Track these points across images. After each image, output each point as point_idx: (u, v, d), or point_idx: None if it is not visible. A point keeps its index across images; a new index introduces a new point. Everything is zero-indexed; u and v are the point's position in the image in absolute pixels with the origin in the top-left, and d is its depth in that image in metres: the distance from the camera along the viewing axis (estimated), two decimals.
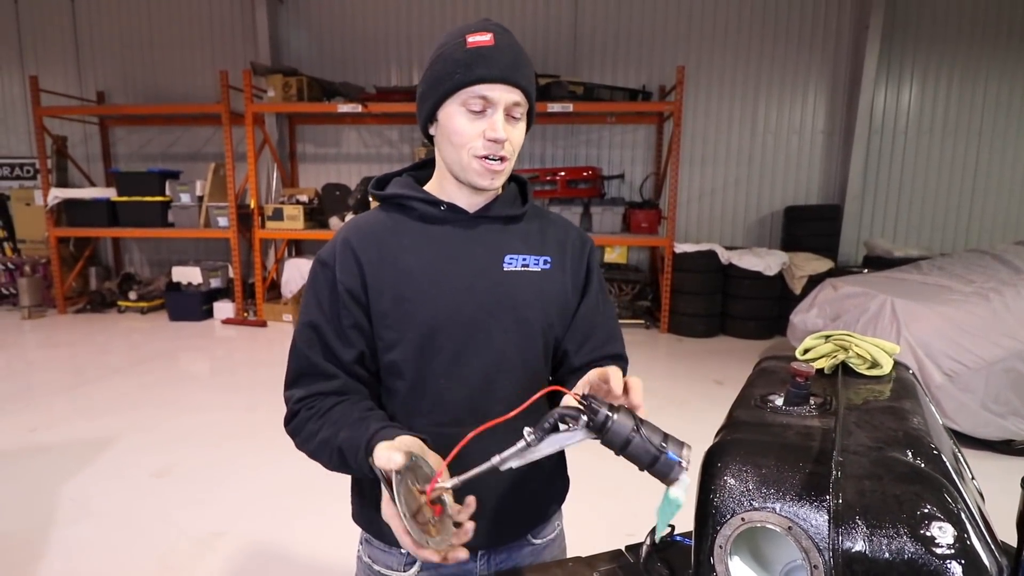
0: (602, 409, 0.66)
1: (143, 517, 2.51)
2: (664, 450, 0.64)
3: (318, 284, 0.93)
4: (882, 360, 0.87)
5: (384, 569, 1.00)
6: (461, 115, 0.88)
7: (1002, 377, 2.99)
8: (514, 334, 0.94)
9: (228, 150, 5.81)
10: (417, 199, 0.95)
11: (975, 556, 0.53)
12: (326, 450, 0.85)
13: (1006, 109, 6.06)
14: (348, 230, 0.95)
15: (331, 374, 0.91)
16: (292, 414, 0.92)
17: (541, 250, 0.99)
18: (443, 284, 0.92)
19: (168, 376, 4.37)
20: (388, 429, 0.80)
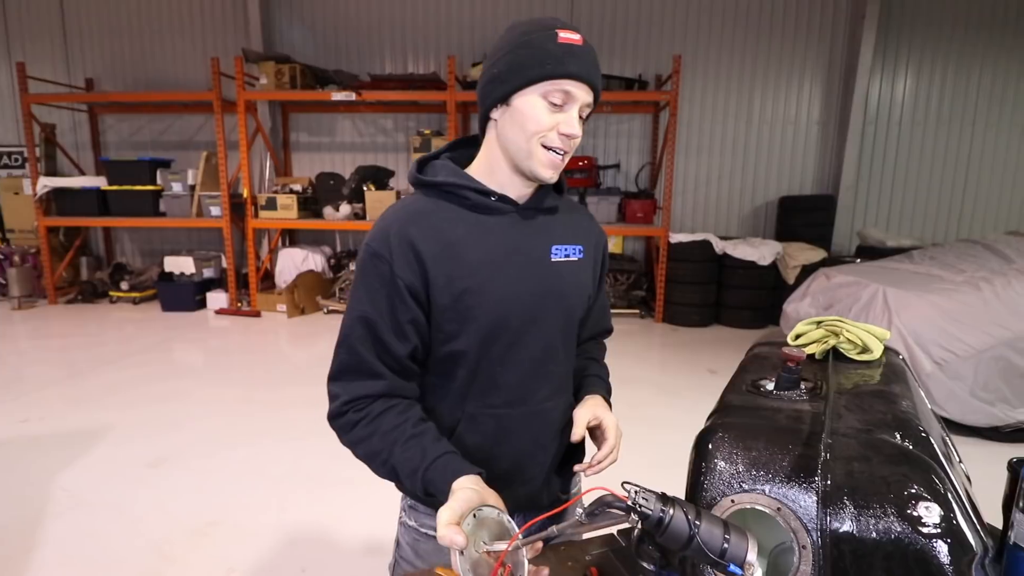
0: (654, 508, 0.58)
1: (137, 507, 2.51)
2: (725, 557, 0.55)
3: (371, 277, 0.90)
4: (872, 345, 0.87)
5: (431, 530, 1.04)
6: (541, 105, 0.88)
7: (991, 365, 3.02)
8: (561, 321, 1.01)
9: (220, 138, 5.76)
10: (469, 188, 0.94)
11: (961, 535, 0.54)
12: (377, 461, 0.90)
13: (999, 100, 6.08)
14: (400, 220, 0.92)
15: (378, 373, 0.91)
16: (339, 413, 0.92)
17: (575, 239, 1.03)
18: (501, 277, 0.93)
19: (161, 367, 4.36)
20: (443, 459, 0.85)
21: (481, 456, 0.96)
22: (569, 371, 1.08)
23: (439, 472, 0.83)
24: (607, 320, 1.22)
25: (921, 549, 0.53)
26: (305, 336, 5.26)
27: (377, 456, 0.89)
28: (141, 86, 6.70)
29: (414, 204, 0.95)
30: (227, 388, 3.90)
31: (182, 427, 3.29)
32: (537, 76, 0.86)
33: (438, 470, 0.83)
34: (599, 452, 1.01)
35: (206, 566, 2.14)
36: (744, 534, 0.56)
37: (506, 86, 0.89)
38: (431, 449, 0.86)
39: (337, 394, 0.92)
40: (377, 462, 0.90)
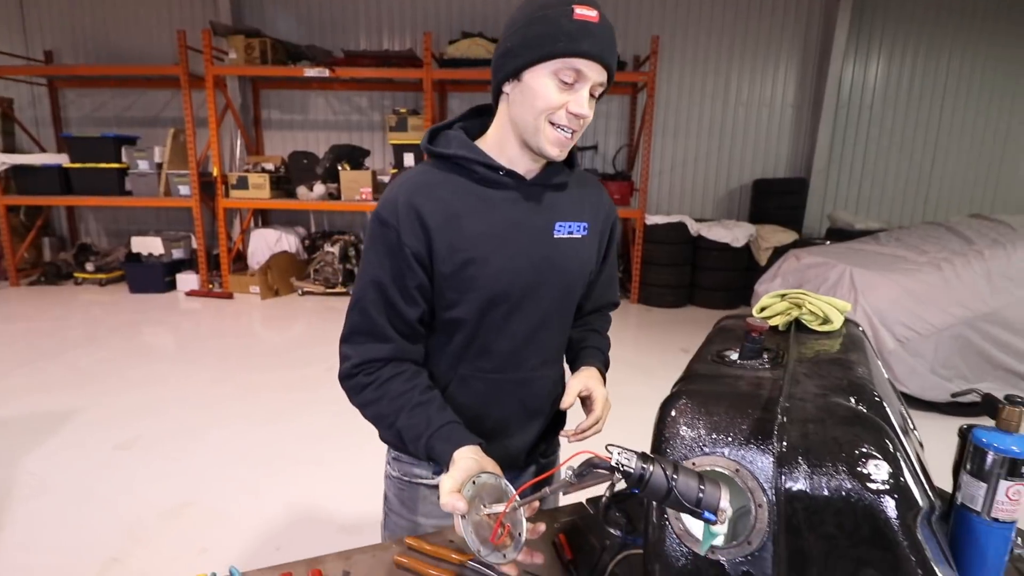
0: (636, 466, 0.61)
1: (107, 490, 2.47)
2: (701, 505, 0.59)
3: (380, 244, 0.93)
4: (833, 317, 0.90)
5: (415, 479, 1.08)
6: (551, 82, 0.87)
7: (951, 343, 3.13)
8: (558, 296, 1.03)
9: (188, 115, 5.58)
10: (478, 162, 0.95)
11: (908, 492, 0.56)
12: (383, 424, 0.95)
13: (967, 85, 6.22)
14: (409, 190, 0.93)
15: (387, 336, 0.95)
16: (350, 375, 0.96)
17: (580, 215, 1.04)
18: (504, 250, 0.95)
19: (130, 349, 4.26)
20: (447, 428, 0.89)
21: (470, 415, 1.01)
22: (562, 343, 1.12)
23: (442, 441, 0.88)
24: (613, 293, 1.23)
25: (869, 504, 0.55)
26: (279, 318, 5.19)
27: (384, 419, 0.94)
28: (104, 59, 6.43)
29: (423, 175, 0.96)
30: (199, 371, 3.84)
31: (152, 410, 3.24)
32: (548, 53, 0.86)
33: (441, 439, 0.88)
34: (585, 421, 1.05)
35: (178, 547, 2.12)
36: (717, 484, 0.60)
37: (518, 61, 0.89)
38: (436, 418, 0.90)
39: (348, 355, 0.96)
40: (383, 425, 0.95)
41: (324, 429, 3.01)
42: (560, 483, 0.69)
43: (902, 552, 0.54)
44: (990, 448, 0.78)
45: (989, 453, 0.78)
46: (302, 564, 0.86)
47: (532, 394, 1.07)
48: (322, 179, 5.67)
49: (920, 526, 0.56)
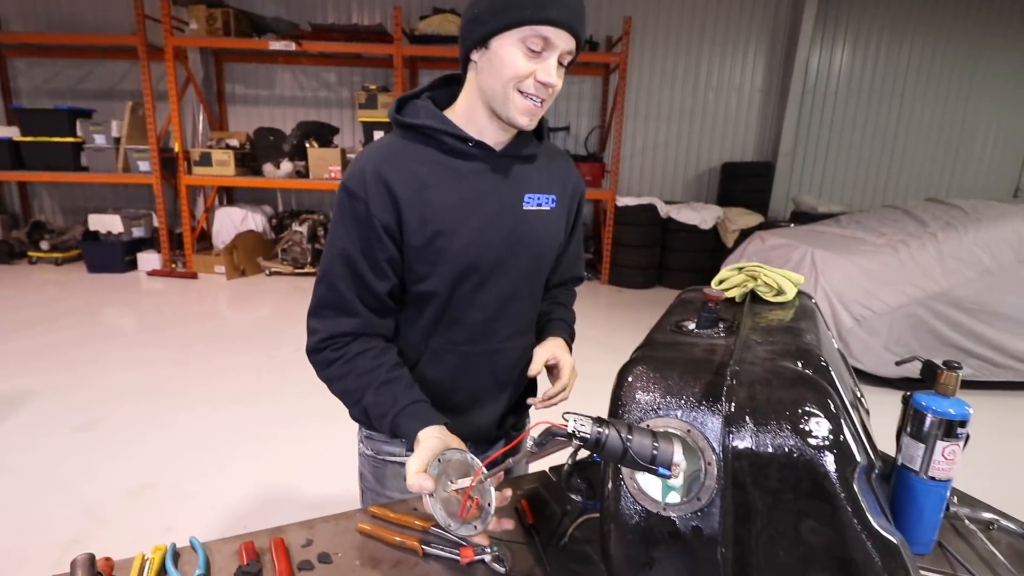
0: (591, 431, 0.62)
1: (66, 471, 2.41)
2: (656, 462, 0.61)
3: (348, 216, 0.92)
4: (787, 288, 0.93)
5: (388, 456, 1.08)
6: (518, 50, 0.86)
7: (904, 321, 3.27)
8: (527, 268, 1.03)
9: (147, 88, 5.36)
10: (447, 133, 0.94)
11: (846, 447, 0.59)
12: (350, 400, 0.96)
13: (927, 72, 6.40)
14: (376, 160, 0.92)
15: (354, 310, 0.94)
16: (316, 349, 0.96)
17: (549, 188, 1.04)
18: (473, 222, 0.94)
19: (89, 330, 4.13)
20: (413, 407, 0.90)
21: (441, 388, 1.02)
22: (533, 314, 1.12)
23: (407, 420, 0.89)
24: (578, 267, 1.24)
25: (810, 459, 0.58)
26: (246, 298, 5.09)
27: (350, 395, 0.94)
28: (56, 27, 6.11)
29: (390, 145, 0.95)
30: (162, 351, 3.75)
31: (112, 391, 3.16)
32: (515, 20, 0.85)
33: (406, 417, 0.89)
34: (552, 388, 1.07)
35: (142, 527, 2.09)
36: (670, 440, 0.61)
37: (484, 28, 0.87)
38: (402, 396, 0.91)
39: (316, 329, 0.95)
40: (350, 401, 0.96)
41: (293, 409, 2.99)
42: (523, 453, 0.70)
43: (839, 503, 0.57)
44: (928, 411, 0.83)
45: (927, 416, 0.83)
46: (264, 533, 0.86)
47: (503, 366, 1.07)
48: (289, 156, 5.53)
49: (858, 480, 0.59)
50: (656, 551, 0.65)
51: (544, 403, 1.06)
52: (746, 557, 0.60)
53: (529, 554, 0.84)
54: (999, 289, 3.32)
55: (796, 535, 0.58)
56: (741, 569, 0.60)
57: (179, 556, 0.82)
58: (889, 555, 0.57)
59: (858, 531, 0.56)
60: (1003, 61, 6.41)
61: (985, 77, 6.45)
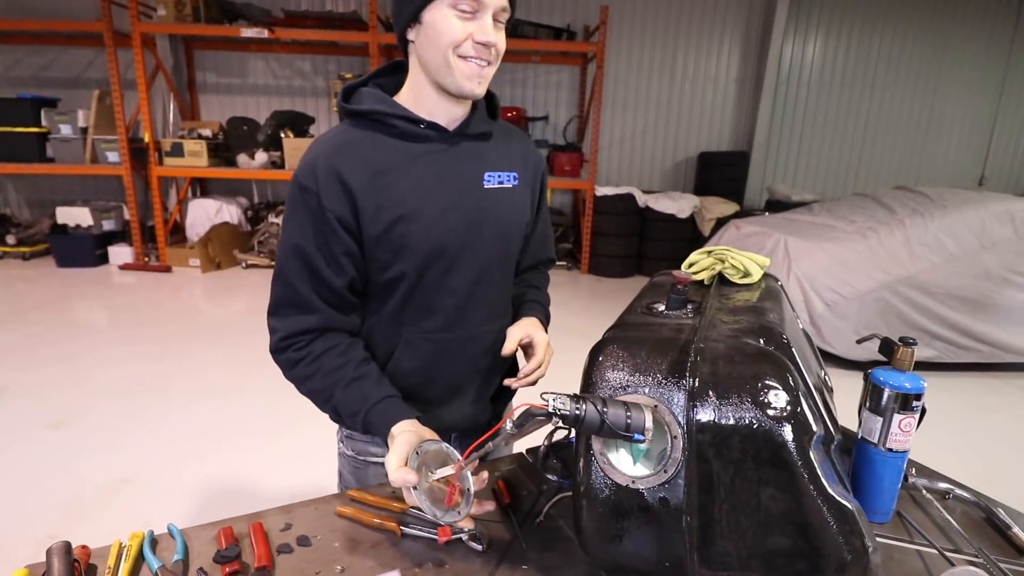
0: (570, 408, 0.65)
1: (39, 468, 2.37)
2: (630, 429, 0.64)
3: (300, 210, 0.90)
4: (753, 270, 0.96)
5: (370, 457, 1.07)
6: (451, 15, 0.85)
7: (872, 306, 3.36)
8: (496, 248, 1.01)
9: (114, 76, 5.22)
10: (397, 116, 0.92)
11: (803, 418, 0.62)
12: (319, 400, 0.94)
13: (896, 64, 6.54)
14: (327, 152, 0.90)
15: (313, 307, 0.92)
16: (279, 349, 0.94)
17: (510, 166, 1.03)
18: (434, 204, 0.93)
19: (60, 325, 4.04)
20: (383, 404, 0.89)
21: (419, 379, 1.01)
22: (506, 297, 1.10)
23: (379, 416, 0.88)
24: (549, 249, 1.22)
25: (769, 430, 0.60)
26: (222, 291, 5.02)
27: (319, 395, 0.93)
28: (16, 13, 5.88)
29: (341, 135, 0.93)
30: (136, 346, 3.69)
31: (86, 387, 3.10)
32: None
33: (377, 414, 0.88)
34: (527, 366, 1.05)
35: (120, 522, 2.07)
36: (641, 409, 0.64)
37: (414, 3, 0.86)
38: (371, 393, 0.90)
39: (276, 328, 0.94)
40: (319, 400, 0.94)
41: (272, 403, 2.97)
42: (503, 435, 0.71)
43: (797, 471, 0.60)
44: (886, 385, 0.87)
45: (885, 390, 0.87)
46: (243, 519, 0.87)
47: (481, 351, 1.05)
48: (264, 147, 5.44)
49: (815, 449, 0.62)
50: (626, 522, 0.68)
51: (520, 382, 1.05)
52: (710, 525, 0.63)
53: (506, 532, 0.86)
54: (963, 274, 3.43)
55: (757, 502, 0.61)
56: (705, 536, 0.63)
57: (157, 543, 0.82)
58: (844, 519, 0.60)
59: (814, 497, 0.59)
60: (969, 52, 6.58)
61: (952, 68, 6.62)
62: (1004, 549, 0.84)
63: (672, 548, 0.66)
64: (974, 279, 3.43)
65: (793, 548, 0.60)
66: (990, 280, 3.44)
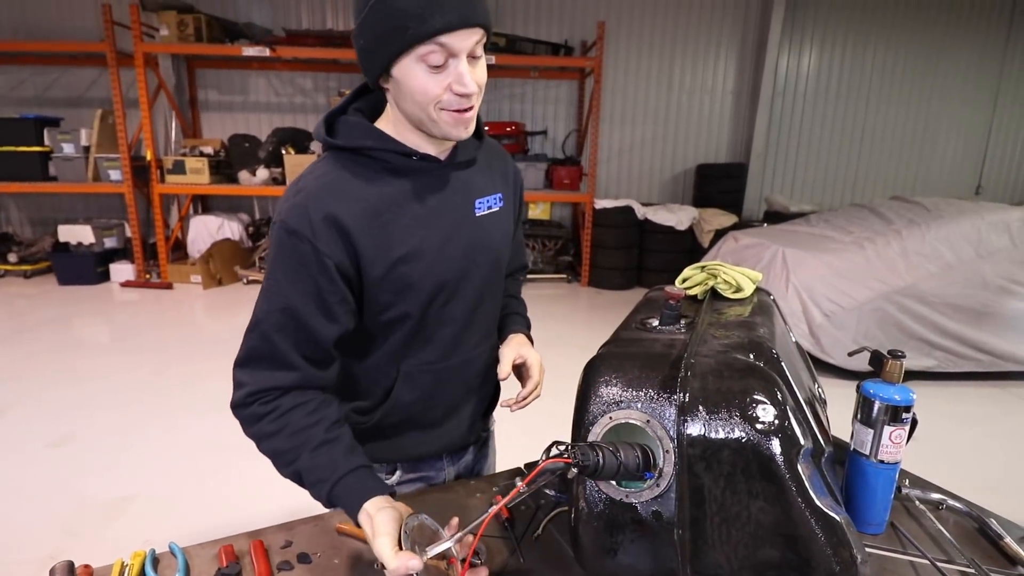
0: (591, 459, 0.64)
1: (40, 488, 2.37)
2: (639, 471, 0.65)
3: (291, 258, 0.82)
4: (744, 285, 0.98)
5: None
6: (421, 71, 0.78)
7: (871, 316, 3.37)
8: (488, 273, 1.00)
9: (116, 95, 5.28)
10: (389, 151, 0.87)
11: (792, 433, 0.64)
12: (282, 461, 0.84)
13: (890, 75, 6.60)
14: (317, 193, 0.83)
15: (291, 364, 0.84)
16: (243, 403, 0.85)
17: (495, 187, 1.01)
18: (432, 239, 0.90)
19: (62, 343, 4.06)
20: (355, 475, 0.79)
21: (418, 408, 0.99)
22: (495, 316, 1.09)
23: (349, 490, 0.78)
24: (523, 255, 1.22)
25: (757, 443, 0.62)
26: (223, 307, 5.04)
27: (282, 456, 0.83)
28: (21, 34, 5.98)
29: (329, 172, 0.87)
30: (138, 363, 3.70)
31: (88, 404, 3.11)
32: (402, 45, 0.76)
33: (348, 487, 0.79)
34: (524, 389, 1.04)
35: (120, 541, 2.07)
36: (647, 448, 0.65)
37: (376, 61, 0.80)
38: (342, 463, 0.81)
39: (243, 382, 0.85)
40: (282, 462, 0.84)
41: None
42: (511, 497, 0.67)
43: (785, 484, 0.61)
44: (876, 398, 0.88)
45: (875, 402, 0.88)
46: (243, 536, 0.88)
47: (474, 372, 1.05)
48: (265, 163, 5.50)
49: (803, 462, 0.64)
50: (620, 536, 0.69)
51: (519, 405, 1.04)
52: (701, 537, 0.64)
53: (505, 547, 0.87)
54: (960, 283, 3.45)
55: (747, 515, 0.62)
56: (697, 548, 0.64)
57: (159, 561, 0.83)
58: (832, 531, 0.61)
59: (802, 509, 0.61)
60: (962, 64, 6.65)
61: (946, 79, 6.69)
62: (996, 559, 0.85)
63: (666, 561, 0.67)
64: (971, 288, 3.44)
65: (782, 560, 0.62)
66: (987, 289, 3.45)
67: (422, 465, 1.07)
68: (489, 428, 1.21)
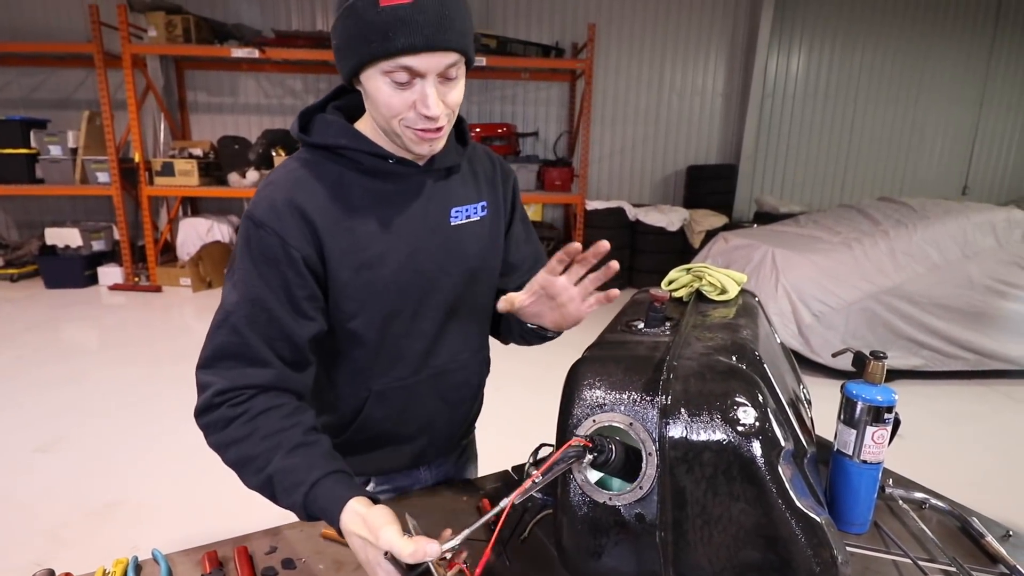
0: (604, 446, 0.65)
1: (26, 494, 2.35)
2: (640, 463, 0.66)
3: (258, 251, 0.79)
4: (729, 287, 0.98)
5: None
6: (385, 85, 0.75)
7: (859, 316, 3.40)
8: (463, 286, 0.95)
9: (104, 97, 5.24)
10: (364, 152, 0.84)
11: (773, 435, 0.64)
12: (250, 468, 0.76)
13: (878, 75, 6.67)
14: (288, 187, 0.81)
15: (264, 360, 0.79)
16: (208, 406, 0.78)
17: (478, 195, 0.97)
18: (401, 247, 0.87)
19: (49, 347, 4.01)
20: (335, 476, 0.73)
21: (391, 424, 0.97)
22: (479, 330, 1.04)
23: (330, 491, 0.71)
24: (541, 259, 1.10)
25: (738, 445, 0.62)
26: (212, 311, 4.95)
27: (251, 463, 0.75)
28: (7, 35, 5.92)
29: (300, 168, 0.84)
30: (126, 367, 3.67)
31: (76, 409, 3.08)
32: (366, 57, 0.74)
33: (328, 488, 0.71)
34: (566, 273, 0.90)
35: (108, 547, 2.05)
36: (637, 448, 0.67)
37: (346, 64, 0.78)
38: (321, 464, 0.74)
39: (209, 383, 0.78)
40: (250, 469, 0.76)
41: None
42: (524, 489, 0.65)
43: (766, 486, 0.61)
44: (858, 399, 0.89)
45: (858, 403, 0.89)
46: (228, 543, 0.87)
47: (450, 385, 1.00)
48: (255, 165, 5.47)
49: (784, 464, 0.64)
50: (604, 539, 0.69)
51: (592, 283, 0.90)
52: (683, 539, 0.64)
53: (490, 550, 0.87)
54: (947, 283, 3.48)
55: (728, 517, 0.63)
56: (679, 551, 0.64)
57: (141, 569, 0.82)
58: (812, 532, 0.62)
59: (783, 510, 0.61)
60: (949, 64, 6.72)
61: (932, 80, 6.76)
62: (978, 558, 0.86)
63: (649, 563, 0.67)
64: (958, 288, 3.48)
65: (764, 561, 0.62)
66: (974, 289, 3.49)
67: (396, 476, 1.06)
68: (469, 436, 1.18)
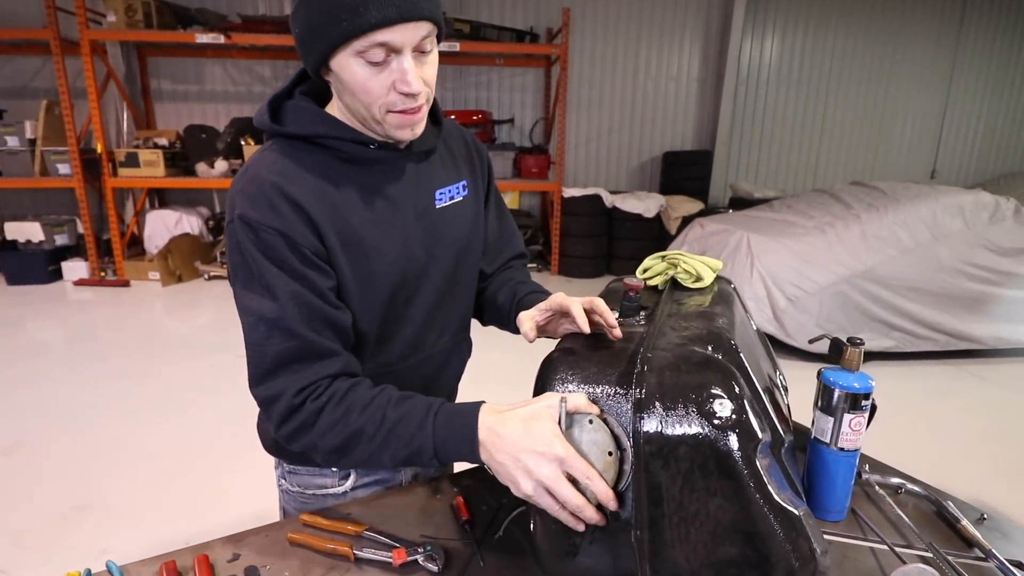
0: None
1: None
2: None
3: (269, 253, 0.75)
4: (704, 274, 0.96)
5: (319, 490, 1.00)
6: (360, 67, 0.72)
7: (833, 299, 3.44)
8: (451, 267, 0.95)
9: (63, 85, 5.02)
10: (345, 139, 0.81)
11: (749, 426, 0.62)
12: (360, 440, 0.73)
13: (849, 61, 6.74)
14: (274, 180, 0.76)
15: (330, 351, 0.76)
16: (291, 408, 0.74)
17: (457, 175, 0.96)
18: (391, 235, 0.85)
19: (12, 346, 3.87)
20: (449, 404, 0.74)
21: None
22: (462, 311, 1.04)
23: (455, 408, 0.72)
24: (517, 242, 1.12)
25: (715, 439, 0.60)
26: (184, 305, 4.88)
27: (360, 435, 0.73)
28: None
29: (281, 159, 0.79)
30: (93, 365, 3.55)
31: (40, 409, 2.97)
32: (338, 38, 0.70)
33: (451, 407, 0.73)
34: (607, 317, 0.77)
35: (74, 552, 1.99)
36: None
37: (313, 52, 0.74)
38: (431, 401, 0.75)
39: (280, 391, 0.74)
40: (361, 440, 0.73)
41: (237, 419, 2.89)
42: None
43: (743, 480, 0.60)
44: (835, 386, 0.88)
45: (835, 390, 0.88)
46: (187, 551, 0.83)
47: (433, 370, 1.00)
48: (224, 155, 5.31)
49: (761, 456, 0.62)
50: (579, 538, 0.67)
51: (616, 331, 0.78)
52: (660, 537, 0.62)
53: (464, 550, 0.84)
54: (917, 266, 3.54)
55: (705, 513, 0.61)
56: (656, 549, 0.62)
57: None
58: (791, 526, 0.60)
59: (760, 505, 0.59)
60: (918, 48, 6.82)
61: (901, 65, 6.85)
62: (954, 542, 0.86)
63: (625, 561, 0.65)
64: (928, 271, 3.54)
65: (742, 557, 0.60)
66: (943, 271, 3.55)
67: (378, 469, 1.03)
68: None
